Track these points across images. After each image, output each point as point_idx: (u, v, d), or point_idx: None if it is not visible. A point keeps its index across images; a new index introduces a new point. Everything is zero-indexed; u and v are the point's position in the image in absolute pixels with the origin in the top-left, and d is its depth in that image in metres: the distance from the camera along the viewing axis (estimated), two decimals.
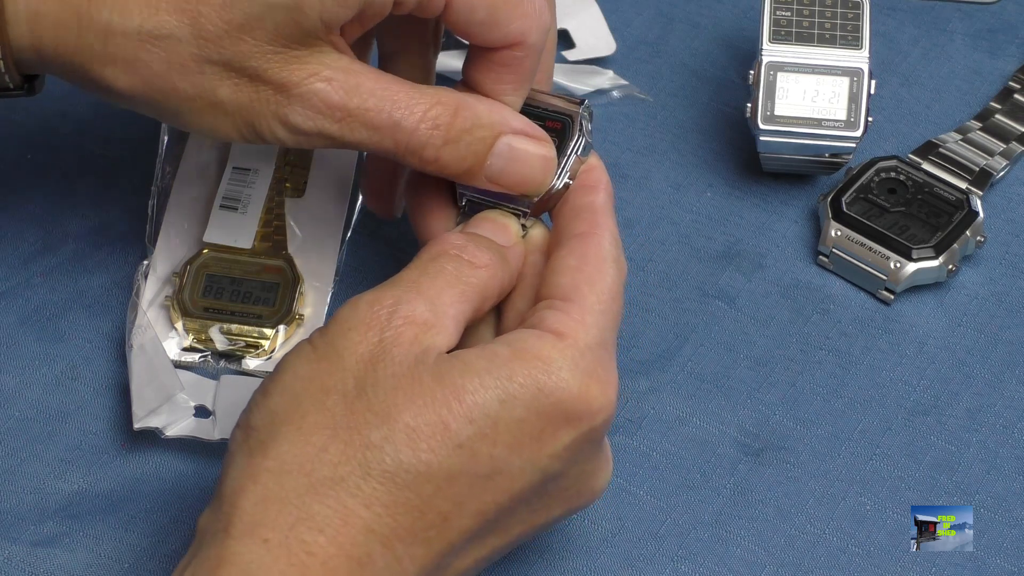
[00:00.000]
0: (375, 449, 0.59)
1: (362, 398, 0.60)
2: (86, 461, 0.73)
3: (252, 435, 0.60)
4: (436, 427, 0.59)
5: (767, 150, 0.81)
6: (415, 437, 0.59)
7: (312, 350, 0.61)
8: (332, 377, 0.60)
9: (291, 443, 0.59)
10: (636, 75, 0.87)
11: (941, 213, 0.79)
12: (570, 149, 0.68)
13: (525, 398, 0.61)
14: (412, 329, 0.61)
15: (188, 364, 0.76)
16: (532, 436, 0.61)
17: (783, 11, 0.81)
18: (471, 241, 0.65)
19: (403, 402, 0.59)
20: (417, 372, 0.60)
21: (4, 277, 0.79)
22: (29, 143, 0.83)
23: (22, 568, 0.70)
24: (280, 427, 0.60)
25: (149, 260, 0.78)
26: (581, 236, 0.65)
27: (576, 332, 0.62)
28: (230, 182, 0.79)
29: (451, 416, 0.60)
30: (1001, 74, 0.87)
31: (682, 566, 0.71)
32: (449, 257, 0.64)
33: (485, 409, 0.60)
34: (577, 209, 0.67)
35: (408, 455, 0.59)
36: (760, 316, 0.79)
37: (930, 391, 0.76)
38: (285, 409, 0.60)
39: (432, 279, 0.63)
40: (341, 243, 0.79)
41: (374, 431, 0.59)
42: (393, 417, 0.59)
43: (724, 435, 0.75)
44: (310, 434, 0.59)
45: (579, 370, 0.62)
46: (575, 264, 0.64)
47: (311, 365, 0.61)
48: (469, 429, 0.60)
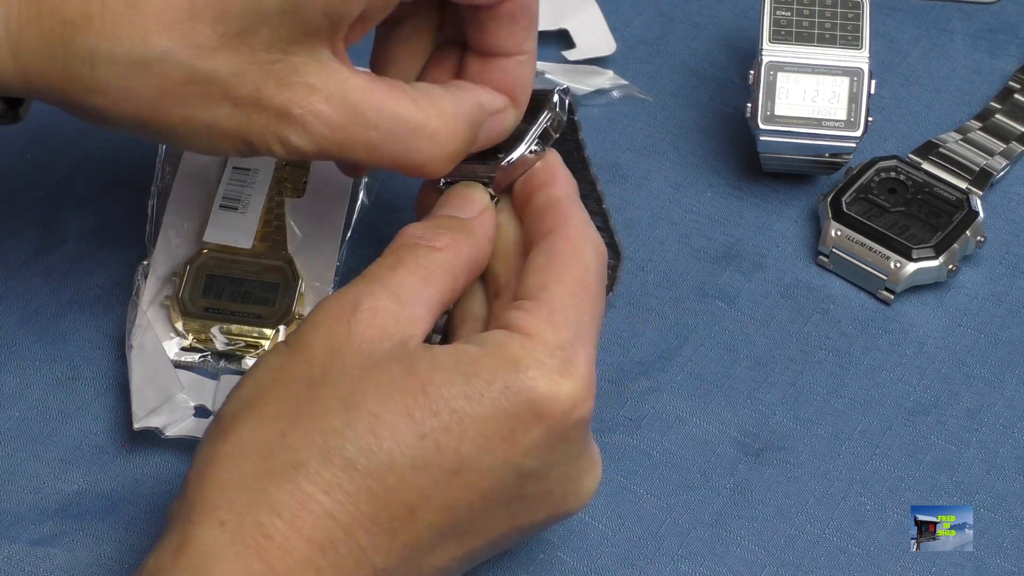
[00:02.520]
0: (336, 435, 0.59)
1: (326, 385, 0.60)
2: (86, 461, 0.73)
3: (218, 422, 0.61)
4: (400, 416, 0.59)
5: (767, 150, 0.81)
6: (377, 425, 0.59)
7: (284, 345, 0.62)
8: (299, 368, 0.61)
9: (250, 428, 0.59)
10: (636, 75, 0.87)
11: (941, 213, 0.79)
12: (540, 120, 0.69)
13: (491, 395, 0.60)
14: (378, 320, 0.61)
15: (188, 364, 0.76)
16: (501, 435, 0.60)
17: (783, 11, 0.81)
18: (430, 226, 0.65)
19: (369, 390, 0.59)
20: (386, 363, 0.60)
21: (4, 277, 0.79)
22: (29, 143, 0.83)
23: (21, 568, 0.70)
24: (243, 414, 0.60)
25: (149, 260, 0.78)
26: (548, 233, 0.65)
27: (543, 331, 0.62)
28: (230, 182, 0.79)
29: (415, 406, 0.59)
30: (1001, 74, 0.87)
31: (682, 566, 0.71)
32: (408, 247, 0.64)
33: (451, 403, 0.60)
34: (540, 207, 0.67)
35: (370, 442, 0.59)
36: (760, 316, 0.79)
37: (930, 391, 0.76)
38: (250, 397, 0.60)
39: (392, 270, 0.63)
40: (341, 243, 0.79)
41: (336, 417, 0.59)
42: (357, 404, 0.59)
43: (724, 435, 0.75)
44: (271, 420, 0.59)
45: (547, 367, 0.61)
46: (543, 262, 0.64)
47: (281, 358, 0.61)
48: (433, 421, 0.59)
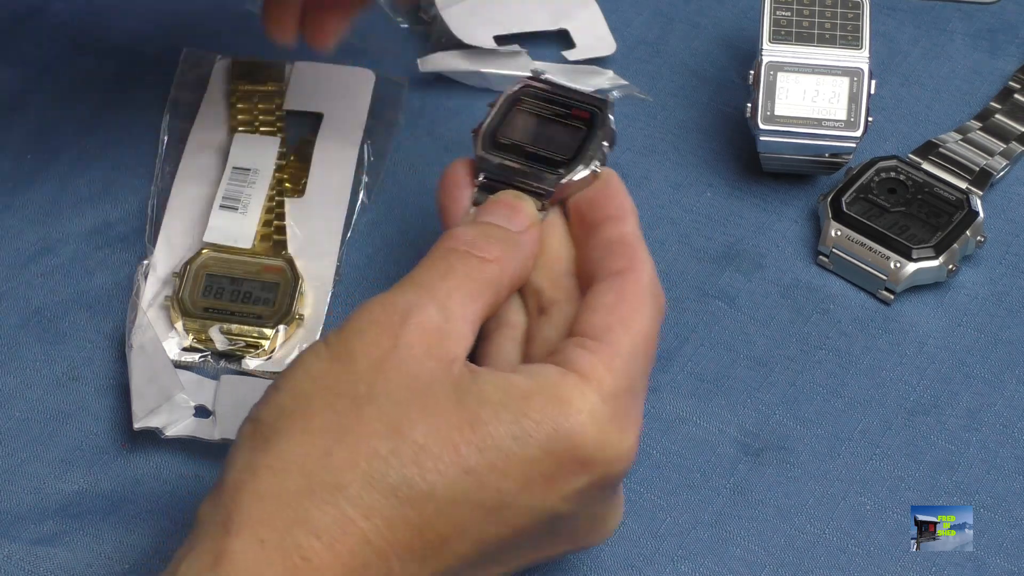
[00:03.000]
0: (381, 460, 0.58)
1: (373, 404, 0.59)
2: (86, 461, 0.73)
3: (258, 429, 0.59)
4: (446, 449, 0.58)
5: (767, 150, 0.81)
6: (423, 455, 0.58)
7: (326, 349, 0.61)
8: (343, 379, 0.59)
9: (295, 442, 0.58)
10: (636, 75, 0.87)
11: (941, 213, 0.79)
12: (597, 138, 0.69)
13: (540, 437, 0.59)
14: (426, 337, 0.60)
15: (188, 364, 0.76)
16: (544, 476, 0.60)
17: (783, 11, 0.81)
18: (480, 234, 0.64)
19: (416, 416, 0.59)
20: (433, 388, 0.59)
21: (4, 277, 0.79)
22: (29, 143, 0.83)
23: (22, 567, 0.70)
24: (285, 424, 0.59)
25: (149, 260, 0.78)
26: (619, 273, 0.64)
27: (602, 376, 0.61)
28: (230, 182, 0.79)
29: (462, 441, 0.59)
30: (1001, 74, 0.87)
31: (682, 566, 0.71)
32: (459, 254, 0.63)
33: (498, 441, 0.59)
34: (610, 243, 0.65)
35: (414, 472, 0.58)
36: (760, 316, 0.79)
37: (930, 391, 0.76)
38: (293, 407, 0.59)
39: (443, 279, 0.62)
40: (341, 243, 0.79)
41: (382, 442, 0.58)
42: (403, 431, 0.58)
43: (724, 435, 0.75)
44: (315, 436, 0.58)
45: (600, 416, 0.60)
46: (611, 302, 0.63)
47: (323, 364, 0.60)
48: (479, 457, 0.59)
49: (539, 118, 0.70)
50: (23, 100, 0.85)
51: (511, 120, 0.70)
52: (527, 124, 0.70)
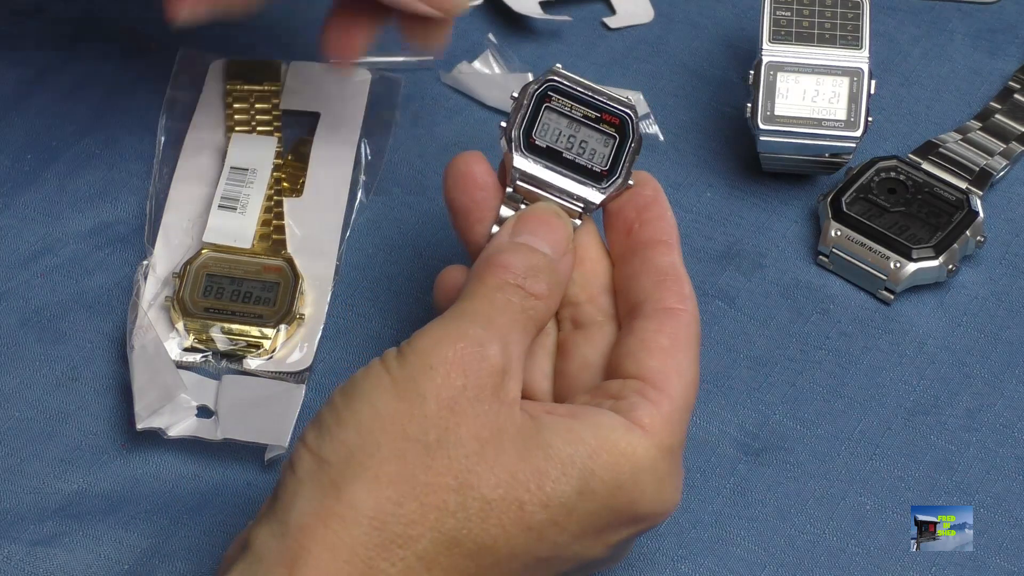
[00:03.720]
0: (449, 515, 0.58)
1: (442, 453, 0.59)
2: (86, 461, 0.73)
3: (325, 469, 0.59)
4: (511, 506, 0.59)
5: (767, 150, 0.81)
6: (488, 511, 0.59)
7: (392, 384, 0.60)
8: (413, 423, 0.59)
9: (367, 492, 0.58)
10: (636, 75, 0.87)
11: (941, 213, 0.79)
12: (631, 148, 0.68)
13: (603, 494, 0.60)
14: (493, 377, 0.60)
15: (189, 364, 0.76)
16: (598, 528, 0.61)
17: (783, 11, 0.81)
18: (529, 267, 0.63)
19: (483, 471, 0.59)
20: (500, 437, 0.59)
21: (4, 277, 0.79)
22: (29, 143, 0.83)
23: (21, 567, 0.70)
24: (356, 470, 0.58)
25: (149, 261, 0.78)
26: (671, 312, 0.64)
27: (663, 430, 0.61)
28: (228, 182, 0.79)
29: (528, 498, 0.59)
30: (1001, 74, 0.87)
31: (682, 566, 0.71)
32: (512, 289, 0.62)
33: (563, 499, 0.60)
34: (662, 273, 0.65)
35: (477, 527, 0.59)
36: (760, 316, 0.79)
37: (930, 391, 0.76)
38: (362, 450, 0.59)
39: (501, 314, 0.62)
40: (340, 242, 0.79)
41: (451, 496, 0.58)
42: (471, 485, 0.58)
43: (724, 435, 0.75)
44: (386, 485, 0.58)
45: (660, 472, 0.61)
46: (667, 345, 0.63)
47: (391, 403, 0.59)
48: (543, 515, 0.59)
49: (571, 120, 0.68)
50: (23, 100, 0.85)
51: (544, 119, 0.68)
52: (560, 126, 0.68)
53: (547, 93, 0.68)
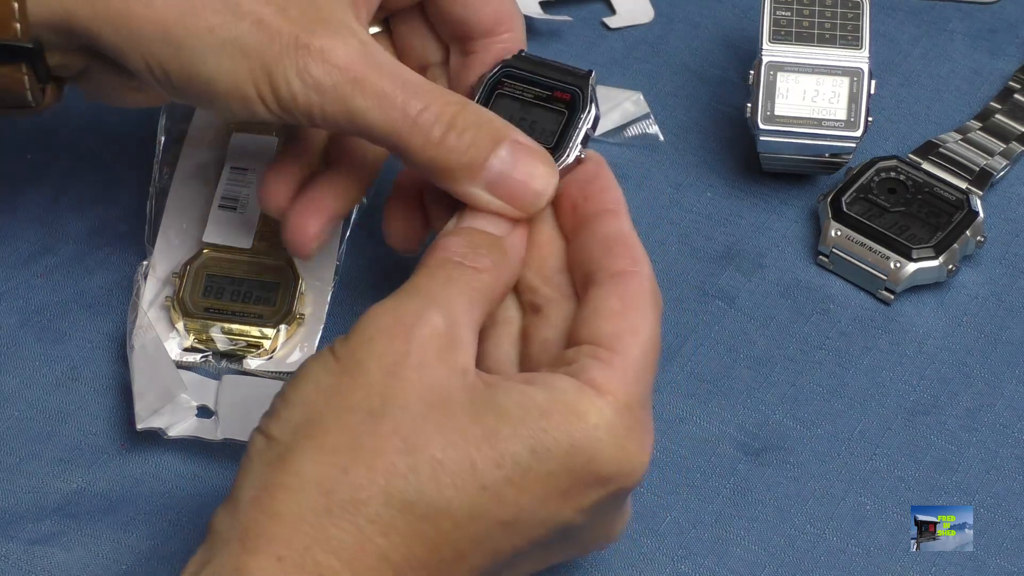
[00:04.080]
0: (399, 478, 0.58)
1: (388, 418, 0.58)
2: (85, 461, 0.73)
3: (271, 445, 0.59)
4: (463, 465, 0.58)
5: (767, 150, 0.81)
6: (440, 472, 0.58)
7: (334, 360, 0.60)
8: (356, 392, 0.59)
9: (311, 460, 0.58)
10: (636, 75, 0.87)
11: (941, 213, 0.79)
12: (582, 122, 0.67)
13: (558, 453, 0.60)
14: (436, 343, 0.60)
15: (189, 364, 0.76)
16: (560, 491, 0.60)
17: (783, 11, 0.81)
18: (471, 244, 0.64)
19: (432, 431, 0.58)
20: (448, 400, 0.59)
21: (4, 277, 0.79)
22: (29, 143, 0.83)
23: (19, 566, 0.70)
24: (300, 442, 0.58)
25: (149, 261, 0.78)
26: (621, 274, 0.63)
27: (617, 388, 0.61)
28: (228, 182, 0.79)
29: (480, 457, 0.59)
30: (1001, 74, 0.87)
31: (682, 566, 0.71)
32: (453, 265, 0.63)
33: (516, 457, 0.59)
34: (608, 239, 0.65)
35: (431, 488, 0.58)
36: (760, 316, 0.78)
37: (930, 391, 0.76)
38: (306, 422, 0.59)
39: (443, 287, 0.62)
40: (340, 242, 0.79)
41: (400, 458, 0.58)
42: (420, 447, 0.58)
43: (724, 435, 0.75)
44: (331, 453, 0.58)
45: (617, 430, 0.60)
46: (618, 308, 0.63)
47: (333, 377, 0.60)
48: (497, 473, 0.59)
49: (521, 102, 0.68)
50: None
51: (495, 106, 0.68)
52: (512, 110, 0.68)
53: (500, 80, 0.68)
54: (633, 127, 0.84)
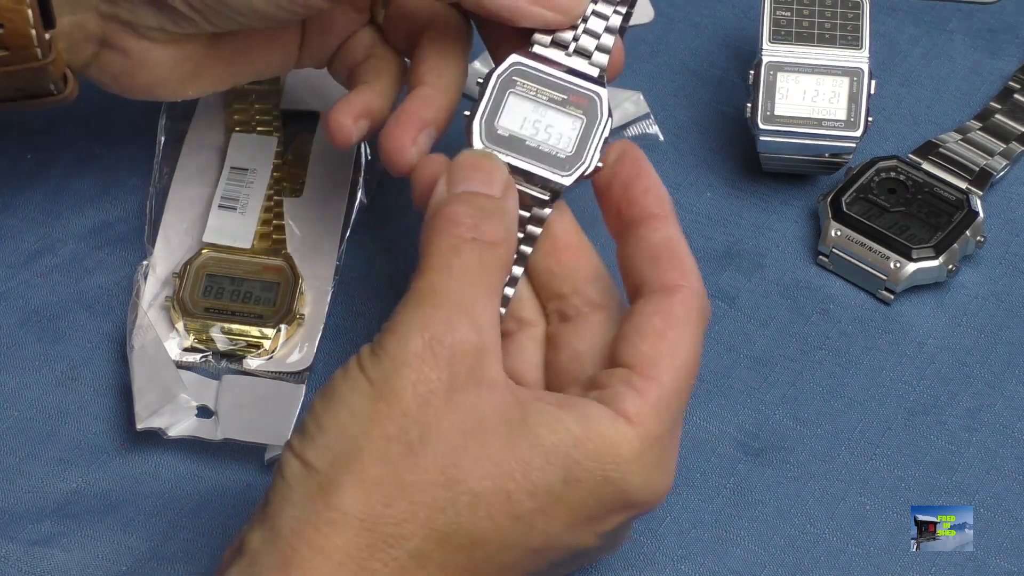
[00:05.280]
0: (439, 511, 0.58)
1: (426, 450, 0.58)
2: (85, 461, 0.73)
3: (312, 475, 0.58)
4: (499, 496, 0.59)
5: (767, 150, 0.81)
6: (477, 504, 0.59)
7: (368, 384, 0.59)
8: (393, 422, 0.59)
9: (355, 495, 0.58)
10: (636, 75, 0.87)
11: (941, 213, 0.79)
12: (600, 129, 0.66)
13: (590, 484, 0.60)
14: (467, 362, 0.59)
15: (189, 364, 0.76)
16: (587, 518, 0.61)
17: (783, 11, 0.81)
18: (479, 211, 0.62)
19: (470, 464, 0.59)
20: (484, 427, 0.59)
21: (4, 277, 0.79)
22: (29, 143, 0.83)
23: (19, 567, 0.70)
24: (341, 474, 0.58)
25: (148, 261, 0.78)
26: (668, 290, 0.63)
27: (649, 420, 0.61)
28: (228, 182, 0.79)
29: (515, 487, 0.59)
30: (1001, 74, 0.87)
31: (682, 566, 0.71)
32: (467, 246, 0.61)
33: (549, 487, 0.59)
34: (656, 248, 0.64)
35: (468, 521, 0.59)
36: (760, 316, 0.78)
37: (930, 391, 0.76)
38: (346, 453, 0.58)
39: (462, 282, 0.61)
40: (340, 242, 0.79)
41: (439, 492, 0.58)
42: (459, 480, 0.58)
43: (724, 435, 0.75)
44: (373, 488, 0.58)
45: (646, 462, 0.61)
46: (659, 327, 0.62)
47: (368, 403, 0.59)
48: (530, 504, 0.59)
49: (536, 104, 0.66)
50: None
51: (507, 107, 0.66)
52: (524, 112, 0.66)
53: (511, 78, 0.67)
54: (633, 127, 0.84)
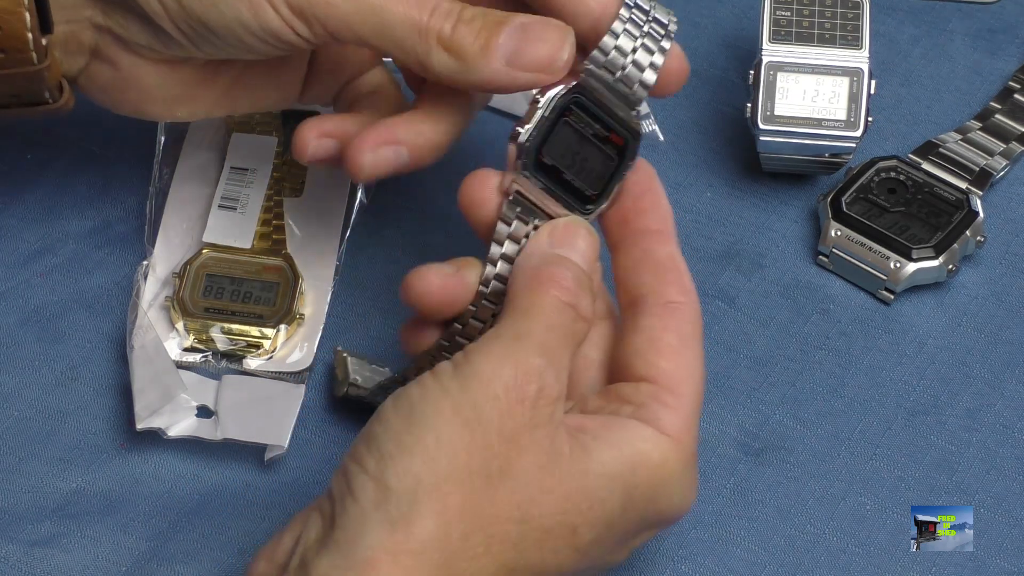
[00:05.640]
0: (510, 546, 0.59)
1: (505, 486, 0.59)
2: (85, 461, 0.73)
3: (391, 499, 0.58)
4: (565, 531, 0.60)
5: (767, 150, 0.81)
6: (545, 539, 0.59)
7: (453, 410, 0.59)
8: (476, 454, 0.59)
9: (435, 525, 0.58)
10: None
11: (941, 213, 0.79)
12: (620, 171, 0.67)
13: (641, 506, 0.61)
14: (551, 406, 0.60)
15: (189, 364, 0.76)
16: (628, 535, 0.62)
17: (783, 11, 0.81)
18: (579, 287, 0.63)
19: (543, 500, 0.59)
20: (557, 462, 0.60)
21: (4, 277, 0.79)
22: (29, 143, 0.83)
23: (19, 568, 0.70)
24: (423, 502, 0.58)
25: (148, 261, 0.78)
26: (674, 307, 0.65)
27: (685, 436, 0.62)
28: (228, 182, 0.79)
29: (580, 521, 0.60)
30: (1001, 74, 0.87)
31: (682, 566, 0.71)
32: (567, 310, 0.62)
33: (608, 517, 0.61)
34: (660, 265, 0.65)
35: (534, 555, 0.59)
36: (760, 316, 0.78)
37: (930, 391, 0.76)
38: (428, 480, 0.58)
39: (556, 338, 0.62)
40: (340, 242, 0.79)
41: (513, 527, 0.59)
42: (532, 516, 0.59)
43: (724, 435, 0.75)
44: (455, 519, 0.58)
45: (685, 480, 0.62)
46: (675, 344, 0.64)
47: (456, 431, 0.59)
48: (591, 535, 0.60)
49: (581, 137, 0.66)
50: None
51: (557, 136, 0.66)
52: (570, 144, 0.66)
53: (569, 107, 0.66)
54: None
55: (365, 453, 0.59)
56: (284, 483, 0.73)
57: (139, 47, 0.69)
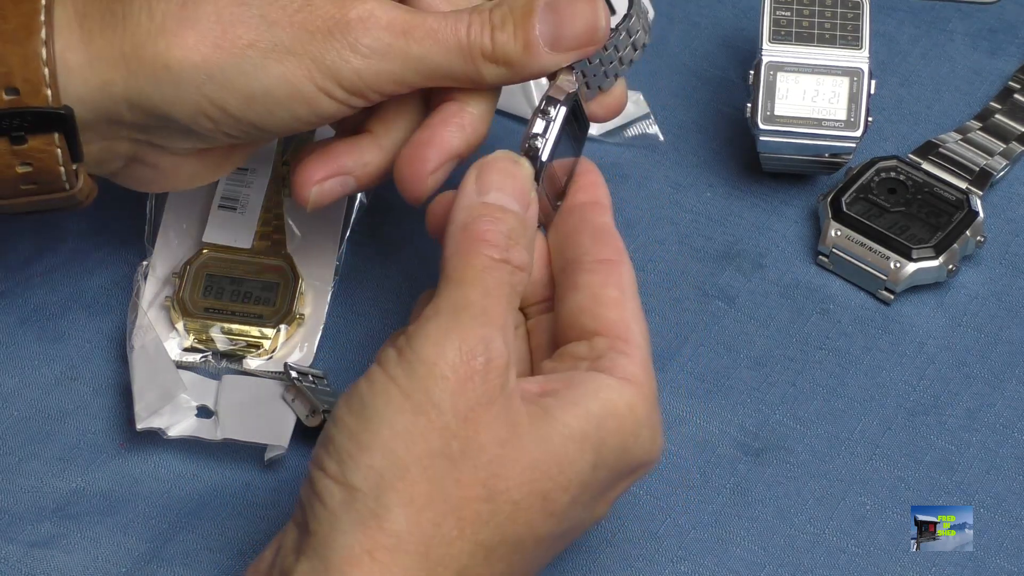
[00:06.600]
0: (483, 525, 0.59)
1: (467, 464, 0.59)
2: (85, 461, 0.73)
3: (358, 498, 0.58)
4: (536, 499, 0.59)
5: (767, 150, 0.81)
6: (517, 512, 0.59)
7: (404, 397, 0.59)
8: (434, 436, 0.58)
9: (406, 517, 0.58)
10: (636, 75, 0.86)
11: (941, 213, 0.79)
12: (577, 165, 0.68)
13: (611, 460, 0.61)
14: (502, 375, 0.60)
15: (189, 364, 0.76)
16: (603, 491, 0.62)
17: (783, 11, 0.81)
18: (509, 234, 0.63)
19: (508, 473, 0.59)
20: (517, 432, 0.59)
21: (4, 277, 0.79)
22: None
23: (18, 568, 0.70)
24: (389, 496, 0.58)
25: (148, 260, 0.78)
26: (612, 264, 0.65)
27: (643, 378, 0.62)
28: (228, 182, 0.79)
29: (551, 487, 0.60)
30: (1001, 74, 0.87)
31: (681, 566, 0.71)
32: (500, 267, 0.62)
33: (581, 477, 0.60)
34: (598, 230, 0.66)
35: (510, 530, 0.59)
36: (760, 316, 0.78)
37: (930, 391, 0.76)
38: (391, 473, 0.58)
39: (495, 300, 0.61)
40: (340, 242, 0.79)
41: (483, 506, 0.59)
42: (499, 491, 0.59)
43: (724, 435, 0.75)
44: (423, 507, 0.58)
45: (652, 423, 0.62)
46: (617, 296, 0.64)
47: (407, 418, 0.59)
48: (564, 498, 0.60)
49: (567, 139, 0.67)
50: None
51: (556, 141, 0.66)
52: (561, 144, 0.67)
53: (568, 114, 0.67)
54: (633, 127, 0.84)
55: (326, 457, 0.59)
56: (284, 483, 0.73)
57: (179, 149, 0.68)
